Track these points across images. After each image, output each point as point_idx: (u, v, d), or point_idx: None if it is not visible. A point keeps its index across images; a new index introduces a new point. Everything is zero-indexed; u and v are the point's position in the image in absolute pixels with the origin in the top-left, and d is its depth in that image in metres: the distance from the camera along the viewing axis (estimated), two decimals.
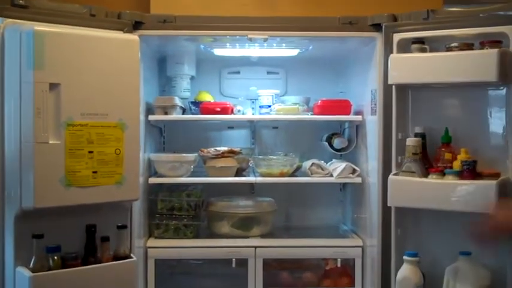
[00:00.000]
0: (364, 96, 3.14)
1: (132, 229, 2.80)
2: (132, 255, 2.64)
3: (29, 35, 2.28)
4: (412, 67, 2.67)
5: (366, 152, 3.16)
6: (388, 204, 2.73)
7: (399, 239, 2.78)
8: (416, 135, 2.74)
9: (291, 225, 3.61)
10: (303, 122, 3.46)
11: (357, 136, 3.32)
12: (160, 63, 3.53)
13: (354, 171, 3.18)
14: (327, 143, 3.38)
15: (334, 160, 3.38)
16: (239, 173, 3.28)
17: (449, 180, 2.55)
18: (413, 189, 2.61)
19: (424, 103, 2.80)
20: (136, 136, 2.59)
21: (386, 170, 2.82)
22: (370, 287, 3.06)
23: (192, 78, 3.54)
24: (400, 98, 2.80)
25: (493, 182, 2.42)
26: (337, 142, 3.34)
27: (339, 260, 3.16)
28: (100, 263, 2.50)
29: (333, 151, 3.40)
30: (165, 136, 3.62)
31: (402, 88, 2.79)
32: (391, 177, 2.69)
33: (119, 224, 2.59)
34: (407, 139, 2.69)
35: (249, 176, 3.34)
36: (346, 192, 3.63)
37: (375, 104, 2.96)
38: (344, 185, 3.60)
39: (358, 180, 3.17)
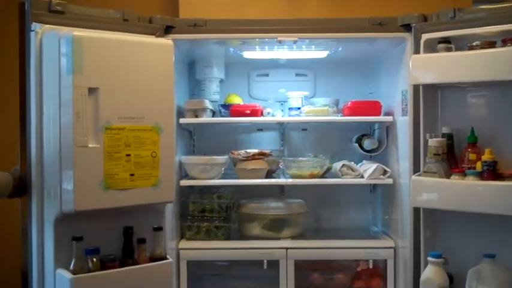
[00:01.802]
0: (395, 97, 3.22)
1: (165, 231, 2.91)
2: (168, 256, 2.74)
3: (68, 40, 2.39)
4: (431, 67, 2.74)
5: (396, 152, 3.24)
6: (411, 205, 2.82)
7: (428, 240, 2.85)
8: (443, 135, 2.80)
9: (321, 227, 3.71)
10: (332, 123, 3.55)
11: (387, 137, 3.40)
12: (189, 67, 3.66)
13: (384, 172, 3.26)
14: (357, 144, 3.47)
15: (364, 161, 3.47)
16: (269, 174, 3.38)
17: (470, 181, 2.60)
18: (433, 189, 2.68)
19: (452, 103, 2.86)
20: (171, 139, 2.70)
21: (416, 171, 2.89)
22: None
23: (221, 81, 3.65)
24: (429, 98, 2.87)
25: (511, 184, 2.47)
26: (367, 143, 3.43)
27: (370, 261, 3.24)
28: (137, 264, 2.60)
29: (363, 152, 3.48)
30: (195, 139, 3.73)
31: (431, 88, 2.86)
32: (413, 177, 2.77)
33: (155, 226, 2.69)
34: (430, 140, 2.74)
35: (278, 177, 3.44)
36: (377, 194, 3.72)
37: (406, 105, 3.04)
38: (374, 186, 3.68)
39: (390, 181, 3.25)
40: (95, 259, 2.49)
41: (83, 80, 2.40)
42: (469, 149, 2.71)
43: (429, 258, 2.67)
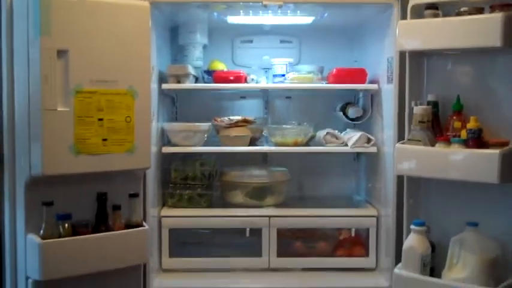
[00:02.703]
0: (380, 64, 3.01)
1: (146, 198, 2.72)
2: (144, 223, 2.55)
3: (35, 0, 2.17)
4: (418, 33, 2.49)
5: (381, 121, 3.03)
6: (395, 173, 2.62)
7: (411, 209, 2.64)
8: (428, 103, 2.59)
9: (304, 195, 3.51)
10: (317, 91, 3.35)
11: (372, 105, 3.19)
12: (172, 32, 3.41)
13: (368, 140, 3.05)
14: (341, 113, 3.25)
15: (348, 130, 3.26)
16: (252, 142, 3.17)
17: (454, 149, 2.40)
18: (417, 157, 2.46)
19: (438, 71, 2.64)
20: (147, 104, 2.48)
21: (400, 139, 2.69)
22: (385, 257, 2.96)
23: (204, 47, 3.41)
24: (414, 65, 2.63)
25: (495, 152, 2.25)
26: (351, 111, 3.21)
27: (353, 229, 3.06)
28: (111, 231, 2.42)
29: (347, 121, 3.27)
30: (177, 106, 3.51)
31: (417, 55, 2.63)
32: (397, 145, 2.55)
33: (131, 192, 2.49)
34: (415, 107, 2.53)
35: (262, 145, 3.23)
36: (360, 162, 3.51)
37: (391, 73, 2.83)
38: (358, 154, 3.48)
39: (373, 149, 3.04)
40: (66, 224, 2.31)
41: (51, 41, 2.20)
42: (454, 117, 2.49)
43: (412, 227, 2.48)
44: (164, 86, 3.01)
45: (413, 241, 2.47)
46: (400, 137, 2.69)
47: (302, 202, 3.37)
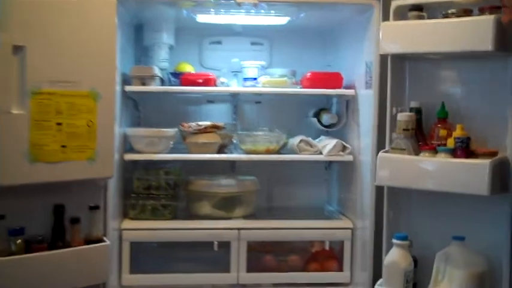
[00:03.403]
0: (357, 69, 2.86)
1: (106, 210, 2.50)
2: (105, 238, 2.33)
3: None
4: (403, 36, 2.37)
5: (357, 128, 2.88)
6: (375, 183, 2.47)
7: (391, 222, 2.51)
8: (411, 110, 2.46)
9: (274, 206, 3.33)
10: (288, 96, 3.16)
11: (347, 112, 3.03)
12: (136, 31, 3.18)
13: (344, 148, 2.90)
14: (315, 119, 3.09)
15: (322, 137, 3.10)
16: (220, 150, 2.97)
17: (441, 158, 2.27)
18: (402, 167, 2.33)
19: (422, 76, 2.51)
20: (111, 107, 2.28)
21: (380, 148, 2.55)
22: (360, 271, 2.81)
23: (170, 47, 3.20)
24: (397, 70, 2.51)
25: (485, 162, 2.13)
26: (326, 118, 3.05)
27: (327, 242, 2.89)
28: (69, 247, 2.21)
29: (321, 128, 3.10)
30: (140, 110, 3.27)
31: (399, 60, 2.51)
32: (380, 154, 2.41)
33: (91, 205, 2.28)
34: (399, 114, 2.41)
35: (231, 153, 3.04)
36: (332, 171, 3.36)
37: (370, 77, 2.68)
38: (330, 163, 3.32)
39: (349, 158, 2.89)
40: (19, 240, 2.09)
41: (6, 36, 1.97)
42: (439, 125, 2.37)
43: (394, 241, 2.34)
44: (128, 88, 2.79)
45: (395, 256, 2.32)
46: (380, 145, 2.55)
47: (272, 213, 3.19)
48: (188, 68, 3.11)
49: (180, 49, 3.27)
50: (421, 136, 2.41)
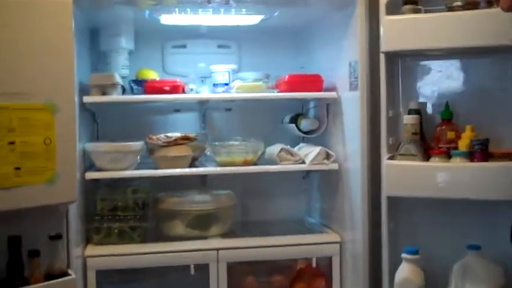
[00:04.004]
0: (338, 70, 2.62)
1: (69, 237, 2.15)
2: (70, 271, 1.99)
3: None
4: (410, 31, 2.15)
5: (341, 134, 2.62)
6: (386, 195, 2.22)
7: (392, 234, 2.27)
8: (410, 112, 2.23)
9: (250, 220, 3.03)
10: (261, 102, 2.90)
11: (327, 116, 2.77)
12: (92, 36, 2.84)
13: (328, 156, 2.63)
14: (293, 125, 2.81)
15: (302, 144, 2.83)
16: (192, 162, 2.66)
17: (458, 163, 2.05)
18: (415, 175, 2.11)
19: (417, 74, 2.31)
20: (71, 121, 1.95)
21: (374, 154, 2.32)
22: None
23: (130, 53, 2.87)
24: (389, 69, 2.27)
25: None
26: (305, 124, 2.78)
27: (314, 259, 2.62)
28: (28, 284, 1.85)
29: (300, 134, 2.83)
30: (98, 122, 2.93)
31: (392, 57, 2.27)
32: (387, 162, 2.17)
33: (52, 234, 1.93)
34: (405, 116, 2.18)
35: (203, 165, 2.73)
36: (311, 180, 3.09)
37: (356, 78, 2.43)
38: (308, 172, 3.05)
39: (334, 166, 2.62)
40: None
41: None
42: (444, 127, 2.14)
43: (404, 255, 2.12)
44: (87, 99, 2.45)
45: (407, 272, 2.11)
46: (373, 152, 2.31)
47: (249, 229, 2.88)
48: (151, 75, 2.79)
49: (140, 54, 2.94)
50: (423, 140, 2.18)
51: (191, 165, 2.65)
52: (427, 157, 2.16)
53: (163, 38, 3.01)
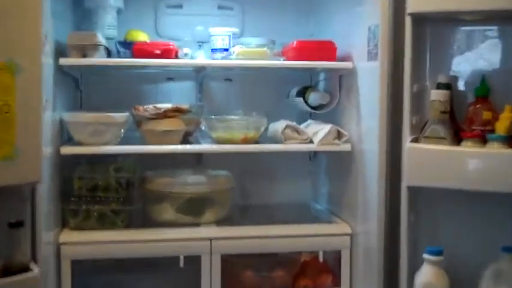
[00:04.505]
0: (354, 36, 2.28)
1: (35, 223, 1.84)
2: (33, 265, 1.68)
3: None
4: None
5: (355, 110, 2.29)
6: (407, 184, 1.89)
7: (412, 228, 1.96)
8: (439, 86, 1.90)
9: (250, 205, 2.72)
10: (265, 72, 2.59)
11: (340, 89, 2.44)
12: None
13: (339, 135, 2.31)
14: (301, 99, 2.48)
15: (310, 121, 2.50)
16: (184, 138, 2.35)
17: (495, 149, 1.73)
18: (443, 162, 1.79)
19: (449, 43, 1.97)
20: (36, 84, 1.62)
21: (394, 135, 2.00)
22: (363, 287, 2.24)
23: (119, 12, 2.53)
24: (416, 35, 1.94)
25: None
26: (314, 97, 2.45)
27: (321, 252, 2.31)
28: None
29: (309, 109, 2.50)
30: (82, 90, 2.61)
31: (419, 21, 1.93)
32: (410, 145, 1.85)
33: (12, 221, 1.63)
34: (433, 92, 1.86)
35: (198, 142, 2.40)
36: (319, 161, 2.77)
37: (375, 45, 2.09)
38: (315, 152, 2.73)
39: (347, 147, 2.30)
40: None
41: None
42: (478, 105, 1.81)
43: (427, 256, 1.82)
44: (62, 61, 2.11)
45: (430, 276, 1.83)
46: (394, 132, 1.99)
47: (248, 215, 2.59)
48: (141, 37, 2.45)
49: (130, 14, 2.61)
50: (453, 120, 1.85)
51: (184, 141, 2.33)
52: (457, 141, 1.84)
53: None
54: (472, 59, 1.92)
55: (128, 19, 2.59)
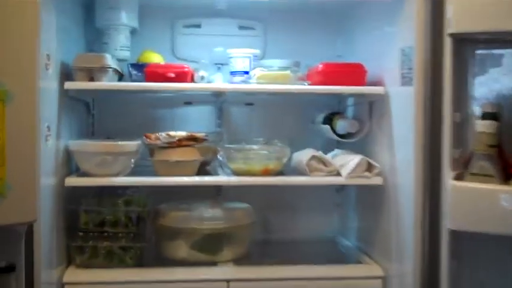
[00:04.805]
0: (385, 59, 2.09)
1: (34, 261, 1.67)
2: None
3: None
4: (487, 7, 1.61)
5: (388, 139, 2.09)
6: (449, 227, 1.67)
7: (454, 276, 1.73)
8: (485, 116, 1.68)
9: (272, 240, 2.51)
10: (289, 96, 2.41)
11: (370, 116, 2.24)
12: (87, 10, 2.35)
13: (370, 167, 2.10)
14: (327, 126, 2.28)
15: (337, 151, 2.30)
16: (201, 167, 2.16)
17: None
18: (493, 204, 1.56)
19: (495, 67, 1.75)
20: (31, 111, 1.45)
21: (433, 169, 1.79)
22: None
23: (133, 32, 2.38)
24: (457, 58, 1.73)
25: None
26: (342, 125, 2.25)
27: None
28: None
29: (337, 138, 2.30)
30: (94, 114, 2.46)
31: (461, 43, 1.73)
32: (452, 183, 1.63)
33: (1, 265, 1.45)
34: (479, 122, 1.64)
35: (216, 172, 2.22)
36: (347, 194, 2.56)
37: (409, 69, 1.90)
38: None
39: (378, 181, 2.09)
40: None
41: None
42: None
43: None
44: (68, 84, 1.95)
45: None
46: (433, 166, 1.78)
47: (270, 252, 2.38)
48: (155, 59, 2.29)
49: (146, 34, 2.46)
50: (500, 154, 1.64)
51: (201, 171, 2.15)
52: (504, 177, 1.62)
53: (174, 15, 2.51)
54: None
55: (143, 39, 2.44)
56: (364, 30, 2.36)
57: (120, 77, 2.22)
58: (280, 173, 2.16)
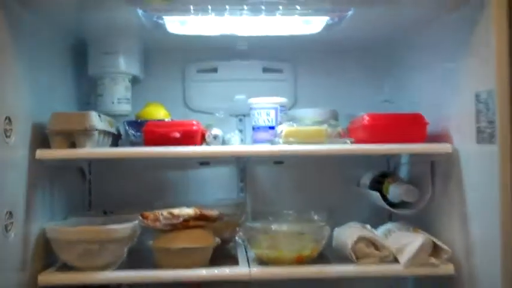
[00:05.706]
0: (451, 107, 1.59)
1: None
2: None
3: None
4: None
5: (459, 211, 1.56)
6: None
7: None
8: None
9: None
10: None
11: (433, 180, 1.71)
12: (77, 55, 1.91)
13: (436, 250, 1.57)
14: (377, 193, 1.76)
15: (390, 225, 1.77)
16: (220, 248, 1.66)
17: None
18: None
19: None
20: None
21: None
22: None
23: (135, 80, 1.94)
24: None
25: None
26: (395, 192, 1.71)
27: None
28: None
29: (390, 208, 1.77)
30: (91, 181, 2.01)
31: None
32: None
33: None
34: None
35: (235, 252, 1.72)
36: (402, 285, 2.00)
37: (490, 122, 1.38)
38: None
39: (449, 269, 1.55)
40: None
41: None
42: None
43: None
44: (39, 154, 1.49)
45: None
46: None
47: None
48: (159, 113, 1.83)
49: (151, 82, 2.02)
50: None
51: (218, 254, 1.64)
52: None
53: (185, 57, 2.05)
54: None
55: (147, 89, 2.01)
56: (417, 66, 1.85)
57: (116, 138, 1.77)
58: (320, 255, 1.64)
